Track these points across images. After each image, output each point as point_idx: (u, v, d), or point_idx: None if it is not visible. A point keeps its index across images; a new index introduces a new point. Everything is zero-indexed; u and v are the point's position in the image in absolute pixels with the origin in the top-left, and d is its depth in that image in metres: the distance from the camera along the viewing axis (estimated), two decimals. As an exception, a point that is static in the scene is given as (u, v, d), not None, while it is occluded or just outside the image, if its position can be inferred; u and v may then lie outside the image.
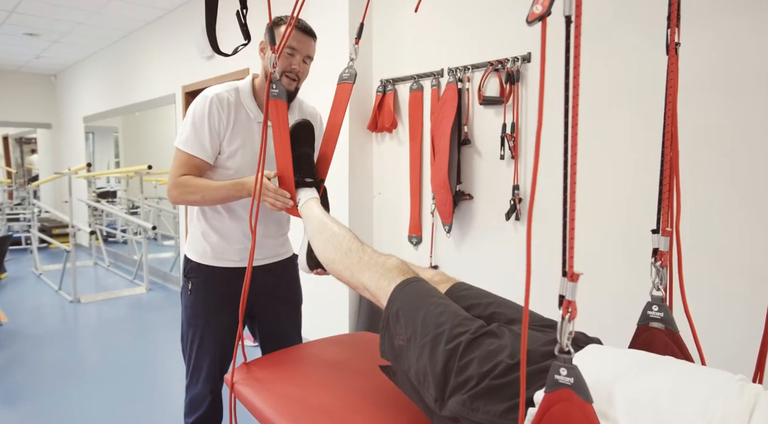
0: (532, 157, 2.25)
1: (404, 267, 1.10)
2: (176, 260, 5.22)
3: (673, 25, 0.84)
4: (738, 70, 1.62)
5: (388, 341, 1.02)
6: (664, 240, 0.93)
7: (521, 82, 2.26)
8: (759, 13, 1.59)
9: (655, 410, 0.68)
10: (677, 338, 0.94)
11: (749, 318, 1.55)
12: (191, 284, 1.64)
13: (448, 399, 0.87)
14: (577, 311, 0.65)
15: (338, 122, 1.53)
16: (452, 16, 2.55)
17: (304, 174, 1.45)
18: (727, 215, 1.65)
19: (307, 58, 1.56)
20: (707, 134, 1.67)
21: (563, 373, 0.68)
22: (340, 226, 1.26)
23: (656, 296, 0.94)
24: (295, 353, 1.50)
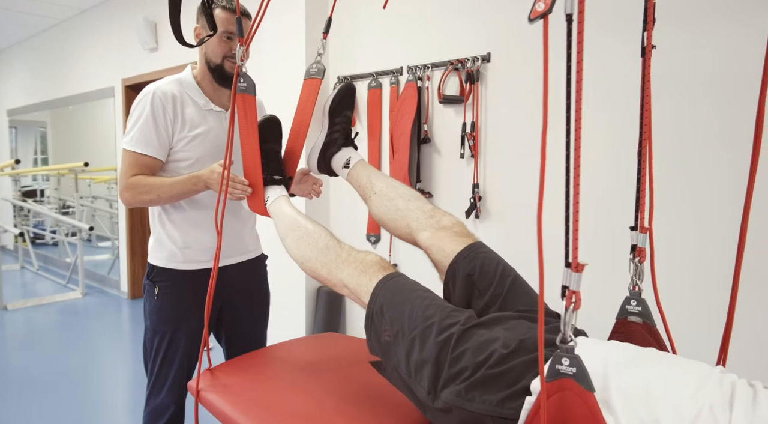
0: (492, 155, 2.31)
1: (384, 263, 1.08)
2: (115, 262, 4.94)
3: (649, 28, 0.87)
4: (712, 72, 1.72)
5: (375, 337, 1.00)
6: (642, 237, 0.96)
7: (481, 81, 2.30)
8: (731, 18, 1.69)
9: (648, 398, 0.70)
10: (654, 332, 0.98)
11: (720, 310, 1.64)
12: (158, 289, 1.56)
13: (441, 391, 0.86)
14: (581, 302, 0.65)
15: (306, 119, 1.49)
16: (412, 15, 2.56)
17: (272, 171, 1.41)
18: (700, 212, 1.74)
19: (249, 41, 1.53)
20: (680, 134, 1.76)
21: (565, 363, 0.68)
22: (315, 223, 1.22)
23: (634, 292, 0.98)
24: (261, 357, 1.44)
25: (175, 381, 1.54)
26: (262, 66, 2.98)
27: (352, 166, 1.40)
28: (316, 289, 3.02)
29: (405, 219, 1.24)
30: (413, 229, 1.22)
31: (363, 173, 1.37)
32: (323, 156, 1.46)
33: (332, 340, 1.60)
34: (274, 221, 1.32)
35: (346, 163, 1.41)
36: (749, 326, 1.52)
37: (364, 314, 1.02)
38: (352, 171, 1.39)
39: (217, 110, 1.58)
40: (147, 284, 1.59)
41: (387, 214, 1.29)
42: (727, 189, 1.67)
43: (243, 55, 1.29)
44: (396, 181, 1.37)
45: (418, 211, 1.23)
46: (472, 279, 1.08)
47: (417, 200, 1.27)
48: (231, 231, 1.60)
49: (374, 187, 1.33)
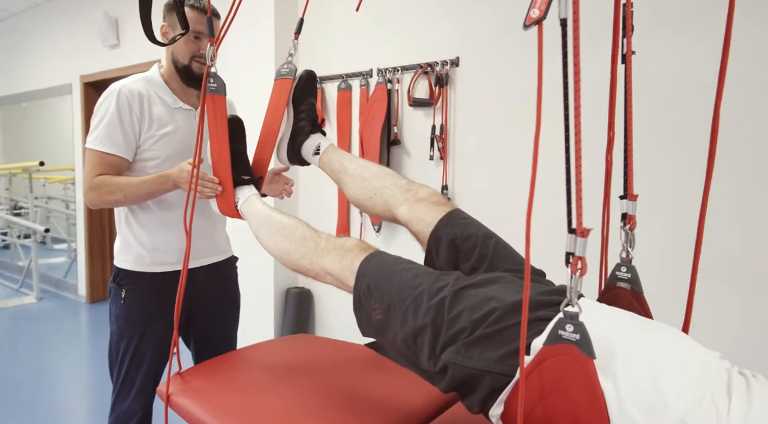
0: (461, 158, 2.35)
1: (364, 245, 1.08)
2: (71, 266, 4.76)
3: (628, 34, 0.91)
4: (673, 77, 1.80)
5: (365, 318, 1.00)
6: (632, 204, 0.99)
7: (450, 85, 2.34)
8: (687, 27, 1.77)
9: (653, 373, 0.71)
10: (641, 298, 1.00)
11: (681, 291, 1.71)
12: (125, 292, 1.52)
13: (441, 353, 0.87)
14: (587, 268, 0.66)
15: (277, 120, 1.48)
16: (382, 18, 2.57)
17: (240, 172, 1.39)
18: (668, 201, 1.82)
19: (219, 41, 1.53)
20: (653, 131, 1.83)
21: (569, 329, 0.69)
22: (289, 216, 1.22)
23: (624, 258, 1.01)
24: (233, 359, 1.42)
25: (142, 387, 1.50)
26: (229, 66, 2.94)
27: (322, 152, 1.38)
28: (285, 290, 2.99)
29: (382, 197, 1.24)
30: (391, 205, 1.22)
31: (334, 158, 1.36)
32: (292, 146, 1.44)
33: (304, 341, 1.59)
34: (247, 221, 1.31)
35: (316, 149, 1.40)
36: (708, 305, 1.60)
37: (352, 298, 1.02)
38: (323, 157, 1.38)
39: (185, 108, 1.56)
40: (113, 287, 1.55)
41: (363, 194, 1.29)
42: (689, 184, 1.76)
43: (213, 55, 1.27)
44: (368, 161, 1.36)
45: (394, 187, 1.23)
46: (456, 244, 1.09)
47: (391, 177, 1.27)
48: (201, 232, 1.57)
49: (347, 170, 1.32)
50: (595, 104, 0.99)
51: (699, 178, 0.94)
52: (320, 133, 1.44)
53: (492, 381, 0.82)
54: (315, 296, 3.00)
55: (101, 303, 4.46)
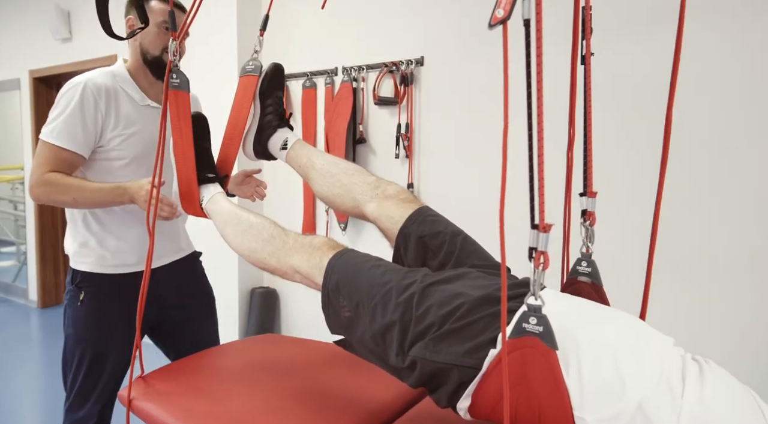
0: (426, 156, 2.37)
1: (332, 242, 1.08)
2: (21, 269, 4.54)
3: (588, 35, 0.94)
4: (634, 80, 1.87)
5: (334, 315, 1.00)
6: (591, 201, 1.03)
7: (415, 84, 2.36)
8: (647, 33, 1.84)
9: (615, 360, 0.74)
10: (601, 292, 1.03)
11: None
12: (84, 294, 1.47)
13: (409, 349, 0.87)
14: (549, 262, 0.68)
15: (243, 117, 1.45)
16: (347, 16, 2.57)
17: (205, 170, 1.36)
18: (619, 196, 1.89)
19: (185, 35, 1.49)
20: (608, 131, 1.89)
21: (533, 322, 0.71)
22: (256, 214, 1.20)
23: (585, 253, 1.04)
24: (198, 361, 1.40)
25: (101, 392, 1.46)
26: (191, 62, 2.87)
27: (290, 146, 1.36)
28: (250, 290, 2.95)
29: (350, 193, 1.24)
30: (359, 202, 1.22)
31: (302, 153, 1.35)
32: (259, 140, 1.42)
33: (271, 341, 1.58)
34: (212, 219, 1.28)
35: (284, 144, 1.38)
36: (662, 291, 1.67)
37: (320, 295, 1.01)
38: (290, 152, 1.36)
39: (153, 106, 1.52)
40: (71, 289, 1.50)
41: (331, 190, 1.28)
42: (646, 180, 1.83)
43: (176, 49, 1.25)
44: (336, 157, 1.36)
45: (362, 183, 1.23)
46: (424, 241, 1.10)
47: (360, 173, 1.27)
48: (165, 231, 1.54)
49: (315, 166, 1.31)
50: (560, 104, 1.02)
51: (655, 175, 0.99)
52: (288, 127, 1.42)
53: (460, 374, 0.83)
54: (281, 295, 2.98)
55: (54, 308, 4.28)
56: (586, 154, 1.03)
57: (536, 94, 0.64)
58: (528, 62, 0.65)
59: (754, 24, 1.68)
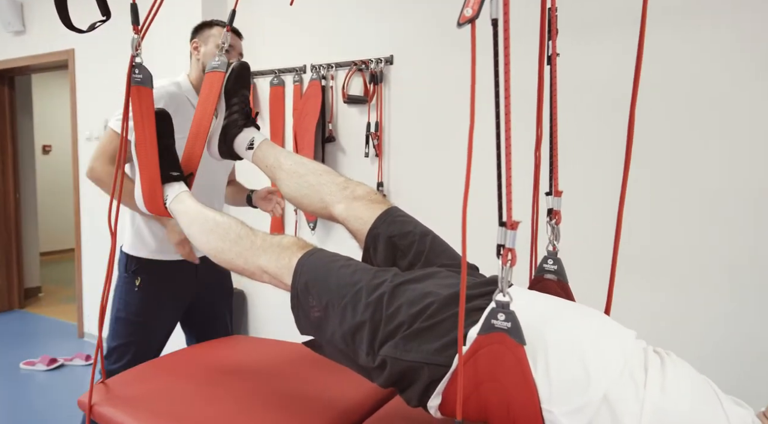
0: (396, 155, 2.38)
1: (301, 242, 1.07)
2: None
3: (554, 37, 0.96)
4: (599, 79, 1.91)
5: (303, 316, 0.99)
6: (557, 200, 1.05)
7: (384, 82, 2.36)
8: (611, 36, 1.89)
9: (582, 354, 0.76)
10: (567, 288, 1.06)
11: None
12: (140, 281, 1.67)
13: (379, 348, 0.87)
14: (516, 259, 0.70)
15: (208, 114, 1.43)
16: (316, 13, 2.55)
17: (169, 168, 1.33)
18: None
19: (240, 55, 1.81)
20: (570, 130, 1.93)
21: (501, 318, 0.72)
22: (223, 214, 1.18)
23: (551, 251, 1.06)
24: (163, 365, 1.36)
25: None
26: (154, 57, 2.80)
27: (256, 146, 1.34)
28: (217, 292, 2.90)
29: (318, 194, 1.23)
30: (328, 202, 1.21)
31: (269, 153, 1.33)
32: (224, 139, 1.40)
33: (239, 342, 1.55)
34: (176, 219, 1.26)
35: (250, 144, 1.36)
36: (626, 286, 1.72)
37: (289, 296, 1.01)
38: (257, 152, 1.34)
39: None
40: (126, 276, 1.68)
41: (299, 190, 1.27)
42: (611, 179, 1.88)
43: (138, 44, 1.21)
44: (304, 157, 1.35)
45: (331, 184, 1.23)
46: (394, 241, 1.10)
47: (328, 174, 1.26)
48: None
49: (282, 166, 1.29)
50: (529, 103, 1.03)
51: (620, 174, 1.01)
52: (254, 127, 1.40)
53: (430, 373, 0.84)
54: (248, 296, 2.93)
55: (6, 314, 4.11)
56: (552, 154, 1.05)
57: (504, 93, 0.64)
58: (496, 61, 0.65)
59: (712, 27, 1.75)
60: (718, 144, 1.76)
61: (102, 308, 1.19)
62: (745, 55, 1.70)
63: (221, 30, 1.69)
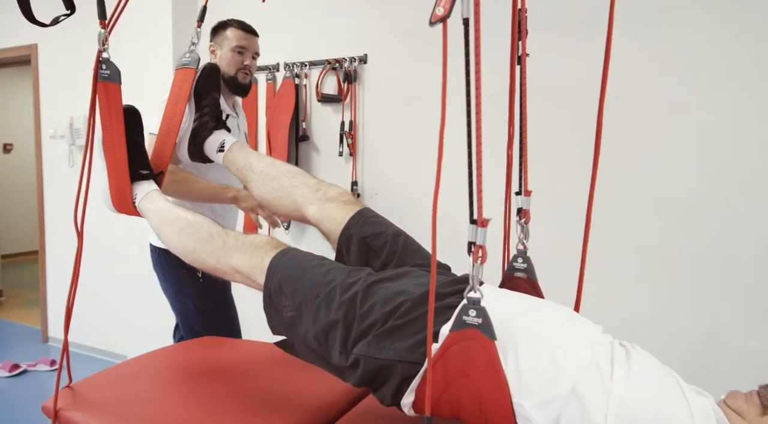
0: (370, 154, 2.37)
1: (274, 242, 1.07)
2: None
3: (523, 37, 0.97)
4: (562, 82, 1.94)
5: (276, 315, 0.99)
6: (526, 200, 1.07)
7: (358, 82, 2.36)
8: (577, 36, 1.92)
9: (550, 348, 0.78)
10: (536, 286, 1.09)
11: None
12: (201, 273, 1.73)
13: (353, 347, 0.88)
14: (487, 256, 0.71)
15: (179, 111, 1.40)
16: (290, 11, 2.53)
17: (138, 166, 1.30)
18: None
19: (255, 54, 1.83)
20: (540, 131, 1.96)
21: (472, 314, 0.74)
22: (194, 213, 1.17)
23: (520, 250, 1.08)
24: (132, 367, 1.33)
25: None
26: (122, 53, 2.73)
27: (227, 149, 1.34)
28: (188, 293, 2.84)
29: (291, 196, 1.23)
30: (300, 204, 1.21)
31: (240, 155, 1.32)
32: (194, 142, 1.39)
33: (210, 344, 1.53)
34: (146, 218, 1.23)
35: (221, 146, 1.35)
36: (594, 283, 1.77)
37: (262, 295, 1.00)
38: (228, 154, 1.33)
39: (232, 115, 1.80)
40: (184, 273, 1.76)
41: (271, 192, 1.27)
42: (577, 180, 1.92)
43: (105, 39, 1.18)
44: (276, 159, 1.35)
45: (304, 186, 1.23)
46: (367, 242, 1.12)
47: (301, 176, 1.26)
48: (231, 221, 1.89)
49: (254, 168, 1.29)
50: (502, 103, 1.05)
51: (589, 173, 1.04)
52: (224, 129, 1.39)
53: (403, 370, 0.84)
54: (221, 297, 2.89)
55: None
56: (521, 154, 1.07)
57: (475, 92, 0.65)
58: (467, 61, 0.66)
59: (677, 31, 1.80)
60: (683, 144, 1.82)
61: (68, 310, 1.16)
62: (709, 57, 1.76)
63: (236, 31, 1.77)
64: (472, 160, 0.71)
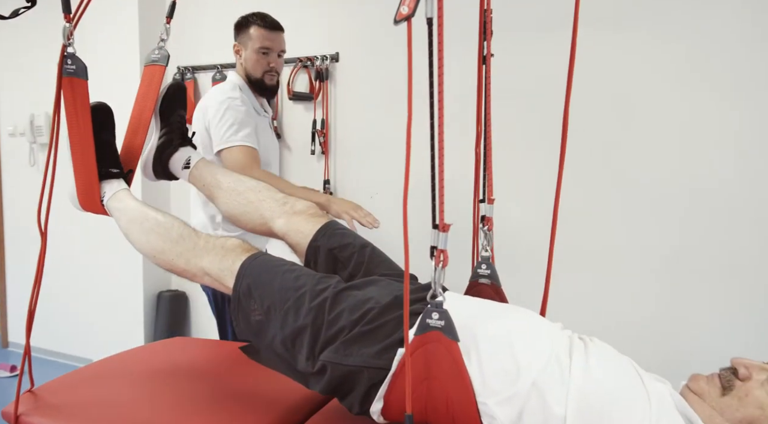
0: (342, 152, 2.37)
1: (246, 245, 1.06)
2: None
3: (489, 37, 0.99)
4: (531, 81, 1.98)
5: (243, 319, 0.98)
6: (489, 207, 1.09)
7: (330, 80, 2.35)
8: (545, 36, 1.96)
9: (511, 347, 0.80)
10: (500, 291, 1.12)
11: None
12: None
13: (320, 353, 0.88)
14: (449, 260, 0.72)
15: (148, 108, 1.38)
16: (260, 8, 2.49)
17: (107, 164, 1.28)
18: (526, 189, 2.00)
19: (281, 52, 1.79)
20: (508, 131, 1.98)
21: (435, 317, 0.75)
22: (165, 214, 1.15)
23: (484, 256, 1.10)
24: (97, 370, 1.30)
25: None
26: (87, 50, 2.66)
27: (193, 165, 1.33)
28: (156, 294, 2.79)
29: (258, 210, 1.24)
30: (267, 218, 1.22)
31: (206, 171, 1.32)
32: (159, 159, 1.38)
33: (180, 344, 1.50)
34: (114, 217, 1.21)
35: (186, 163, 1.34)
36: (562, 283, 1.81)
37: (230, 298, 1.00)
38: (194, 171, 1.33)
39: (263, 115, 1.81)
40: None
41: (238, 208, 1.27)
42: (543, 179, 1.96)
43: (70, 33, 1.15)
44: (243, 175, 1.35)
45: (270, 200, 1.24)
46: (334, 253, 1.13)
47: (267, 190, 1.27)
48: None
49: (221, 184, 1.29)
50: (470, 103, 1.06)
51: (555, 172, 1.06)
52: (190, 146, 1.39)
53: (370, 376, 0.85)
54: (190, 298, 2.84)
55: None
56: (485, 162, 1.09)
57: (438, 93, 0.66)
58: (431, 62, 0.67)
59: (638, 32, 1.86)
60: (647, 142, 1.88)
61: (30, 312, 1.12)
62: (671, 57, 1.83)
63: (259, 30, 1.73)
64: (435, 163, 0.71)
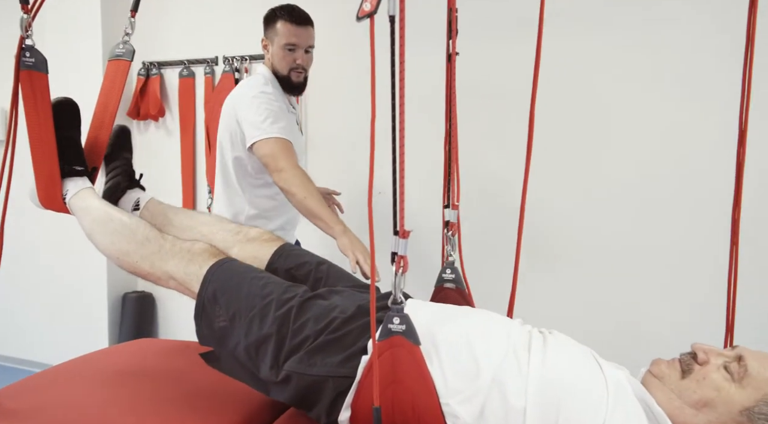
0: (314, 151, 2.36)
1: (214, 250, 1.06)
2: None
3: (454, 36, 1.01)
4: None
5: (207, 325, 0.97)
6: (454, 213, 1.11)
7: (300, 77, 2.33)
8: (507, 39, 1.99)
9: (469, 346, 0.82)
10: (464, 294, 1.14)
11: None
12: None
13: (284, 362, 0.88)
14: (408, 266, 0.73)
15: (112, 103, 1.35)
16: (230, 3, 2.47)
17: (71, 161, 1.24)
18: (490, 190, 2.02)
19: (309, 47, 1.72)
20: (477, 130, 2.02)
21: (396, 321, 0.77)
22: (130, 215, 1.13)
23: (449, 261, 1.12)
24: (60, 373, 1.26)
25: None
26: (46, 42, 2.57)
27: (143, 207, 1.33)
28: (122, 295, 2.72)
29: (211, 242, 1.22)
30: (222, 249, 1.20)
31: (157, 211, 1.32)
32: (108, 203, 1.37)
33: (145, 345, 1.47)
34: (76, 216, 1.18)
35: (135, 204, 1.34)
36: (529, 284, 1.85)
37: (194, 304, 0.99)
38: (143, 212, 1.32)
39: (291, 111, 1.77)
40: None
41: None
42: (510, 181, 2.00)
43: (28, 24, 1.11)
44: (194, 211, 1.36)
45: (223, 232, 1.25)
46: (292, 272, 1.14)
47: (220, 223, 1.29)
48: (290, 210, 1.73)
49: (173, 222, 1.29)
50: (438, 103, 1.07)
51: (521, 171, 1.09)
52: (139, 188, 1.38)
53: (335, 385, 0.86)
54: (158, 300, 2.78)
55: None
56: (449, 168, 1.11)
57: (399, 89, 0.66)
58: (392, 61, 0.68)
59: (603, 33, 1.92)
60: (614, 140, 1.94)
61: None
62: (635, 57, 1.89)
63: (286, 25, 1.68)
64: (396, 168, 0.72)
